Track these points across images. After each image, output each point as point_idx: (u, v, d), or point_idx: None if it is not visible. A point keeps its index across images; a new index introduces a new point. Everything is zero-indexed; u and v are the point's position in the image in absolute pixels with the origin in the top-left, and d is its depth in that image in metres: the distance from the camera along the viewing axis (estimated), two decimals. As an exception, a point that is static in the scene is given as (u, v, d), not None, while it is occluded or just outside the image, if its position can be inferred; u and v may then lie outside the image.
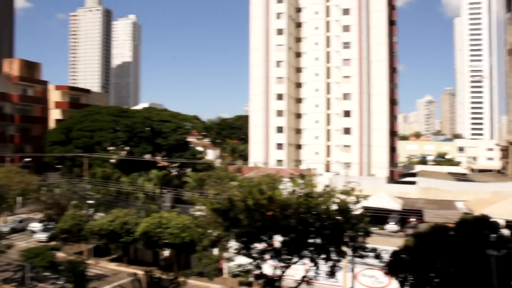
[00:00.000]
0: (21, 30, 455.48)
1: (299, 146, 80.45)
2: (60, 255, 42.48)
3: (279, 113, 77.71)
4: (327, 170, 74.29)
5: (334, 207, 24.51)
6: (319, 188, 25.19)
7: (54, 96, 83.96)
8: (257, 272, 26.11)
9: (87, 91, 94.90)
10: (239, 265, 27.26)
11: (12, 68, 79.92)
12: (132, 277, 29.32)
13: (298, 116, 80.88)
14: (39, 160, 68.21)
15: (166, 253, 43.67)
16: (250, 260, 25.98)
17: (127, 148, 66.13)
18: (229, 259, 29.56)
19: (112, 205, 47.81)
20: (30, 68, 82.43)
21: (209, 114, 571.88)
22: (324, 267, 24.77)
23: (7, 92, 74.80)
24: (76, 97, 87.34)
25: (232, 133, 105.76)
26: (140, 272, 40.06)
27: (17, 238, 50.53)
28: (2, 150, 70.67)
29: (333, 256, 24.43)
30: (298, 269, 27.87)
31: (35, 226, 54.56)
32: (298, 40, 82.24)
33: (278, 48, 78.94)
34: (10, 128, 75.15)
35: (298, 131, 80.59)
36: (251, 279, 32.65)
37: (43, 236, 51.71)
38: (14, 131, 75.82)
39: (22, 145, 76.06)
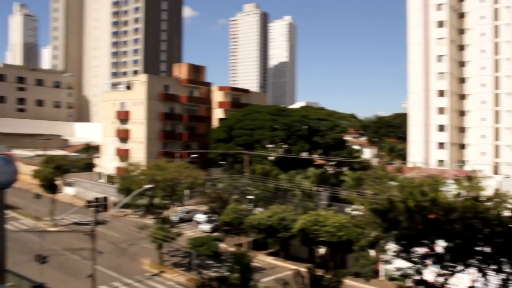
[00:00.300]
0: (188, 37, 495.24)
1: (462, 146, 75.08)
2: (222, 245, 45.10)
3: (441, 111, 73.30)
4: (496, 172, 68.18)
5: (507, 213, 22.38)
6: (487, 192, 23.22)
7: (217, 96, 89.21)
8: (417, 277, 24.98)
9: (246, 91, 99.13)
10: (398, 269, 26.33)
11: (181, 71, 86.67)
12: (295, 273, 29.97)
13: (462, 113, 75.49)
14: (204, 156, 73.10)
15: (322, 250, 43.87)
16: (409, 264, 24.93)
17: (285, 146, 67.75)
18: (387, 262, 28.71)
19: (271, 201, 49.37)
20: (196, 71, 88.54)
21: (365, 112, 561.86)
22: (494, 279, 22.77)
23: (177, 94, 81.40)
24: (236, 97, 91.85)
25: (389, 131, 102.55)
26: (296, 267, 40.82)
27: (185, 227, 54.72)
28: (173, 146, 77.21)
29: (506, 268, 22.31)
30: (464, 279, 26.06)
31: (200, 217, 58.76)
32: (461, 32, 76.63)
33: (439, 41, 74.47)
34: (179, 126, 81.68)
35: (461, 130, 75.25)
36: (410, 284, 31.34)
37: (207, 227, 55.47)
38: (182, 129, 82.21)
39: (189, 142, 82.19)
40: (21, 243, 44.32)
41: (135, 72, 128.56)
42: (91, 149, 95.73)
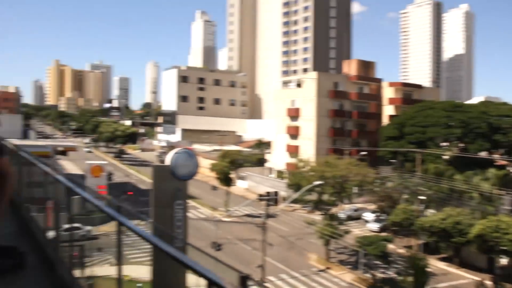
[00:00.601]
0: (357, 33, 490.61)
1: None
2: (390, 246, 43.80)
3: None
4: None
5: None
6: None
7: (387, 92, 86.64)
8: None
9: (418, 86, 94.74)
10: None
11: (350, 68, 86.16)
12: (477, 283, 27.91)
13: None
14: (374, 154, 71.67)
15: (504, 261, 40.05)
16: None
17: (461, 144, 63.30)
18: None
19: (444, 202, 46.56)
20: (366, 67, 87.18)
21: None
22: None
23: (346, 91, 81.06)
24: (408, 93, 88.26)
25: None
26: (473, 276, 38.04)
27: (352, 225, 54.23)
28: (341, 143, 76.97)
29: None
30: None
31: (368, 216, 57.74)
32: None
33: None
34: (348, 123, 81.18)
35: None
36: None
37: (375, 226, 54.26)
38: (352, 126, 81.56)
39: (358, 139, 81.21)
40: (199, 230, 48.11)
41: (305, 70, 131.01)
42: (263, 145, 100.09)
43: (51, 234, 6.70)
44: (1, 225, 3.49)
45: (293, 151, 78.18)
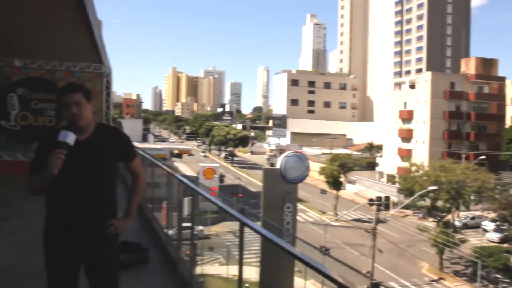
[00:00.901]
0: (477, 28, 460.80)
1: None
2: (514, 259, 40.81)
3: None
4: None
5: None
6: None
7: (511, 92, 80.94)
8: None
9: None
10: None
11: (469, 67, 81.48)
12: None
13: None
14: (494, 158, 67.18)
15: None
16: None
17: None
18: None
19: None
20: (486, 65, 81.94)
21: None
22: None
23: (464, 91, 76.80)
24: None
25: None
26: None
27: (469, 234, 51.19)
28: (458, 147, 73.10)
29: None
30: None
31: (488, 225, 54.06)
32: None
33: None
34: (465, 125, 76.84)
35: None
36: None
37: (495, 236, 50.65)
38: (469, 128, 77.10)
39: (476, 143, 76.55)
40: (307, 233, 48.22)
41: (419, 71, 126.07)
42: (373, 148, 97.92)
43: (170, 232, 7.28)
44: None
45: (405, 154, 75.75)
